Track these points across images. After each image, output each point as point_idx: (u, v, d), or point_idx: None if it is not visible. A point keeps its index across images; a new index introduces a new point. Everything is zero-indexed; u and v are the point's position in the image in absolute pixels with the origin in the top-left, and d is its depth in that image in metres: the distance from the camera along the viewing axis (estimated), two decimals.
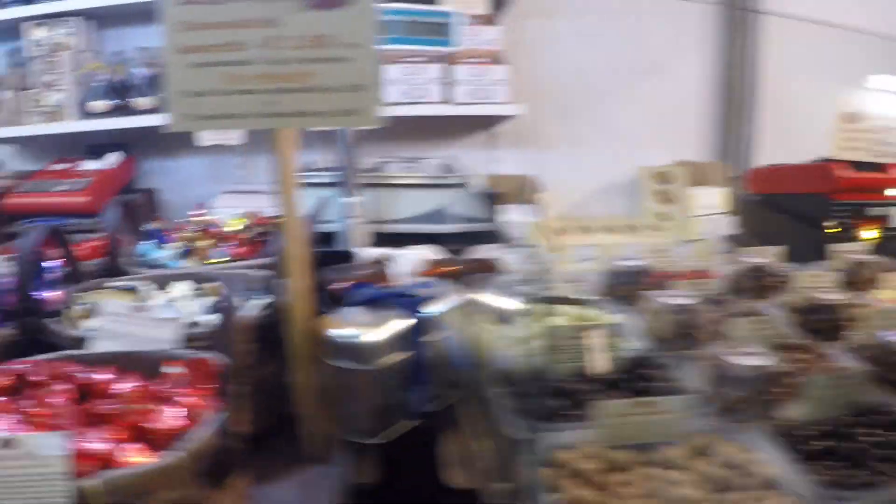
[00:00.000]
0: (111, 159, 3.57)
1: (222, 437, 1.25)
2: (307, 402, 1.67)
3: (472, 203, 2.87)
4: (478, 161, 3.87)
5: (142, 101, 3.48)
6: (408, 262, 2.13)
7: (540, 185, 3.67)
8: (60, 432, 1.13)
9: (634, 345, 1.56)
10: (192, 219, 2.18)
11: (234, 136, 3.35)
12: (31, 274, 1.61)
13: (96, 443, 1.19)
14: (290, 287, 1.64)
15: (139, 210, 2.04)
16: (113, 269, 1.95)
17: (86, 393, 1.41)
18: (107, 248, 1.95)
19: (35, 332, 1.65)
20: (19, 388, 1.40)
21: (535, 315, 1.68)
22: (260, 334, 1.66)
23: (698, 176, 3.47)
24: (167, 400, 1.34)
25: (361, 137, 2.57)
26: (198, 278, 1.87)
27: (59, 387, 1.37)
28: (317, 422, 1.69)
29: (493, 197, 2.91)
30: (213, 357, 1.44)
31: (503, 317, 1.69)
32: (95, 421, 1.31)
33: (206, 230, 2.10)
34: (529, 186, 3.62)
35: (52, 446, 1.11)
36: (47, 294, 1.67)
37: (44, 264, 1.75)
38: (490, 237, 2.77)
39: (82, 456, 1.15)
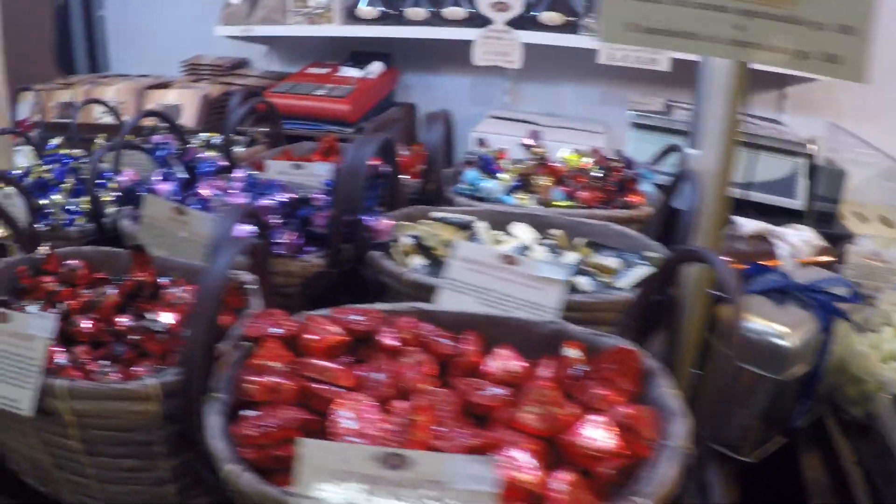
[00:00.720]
0: (373, 68, 3.21)
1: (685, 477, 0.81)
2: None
3: (820, 177, 2.36)
4: None
5: (414, 11, 3.09)
6: (788, 244, 1.64)
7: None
8: (488, 457, 0.70)
9: None
10: (529, 148, 1.73)
11: (515, 59, 2.93)
12: (358, 193, 1.20)
13: (518, 468, 0.76)
14: None
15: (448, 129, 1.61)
16: (428, 195, 1.54)
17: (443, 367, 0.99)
18: (424, 170, 1.53)
19: (349, 264, 1.25)
20: (353, 347, 1.00)
21: None
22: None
23: None
24: (580, 402, 0.90)
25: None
26: (536, 222, 1.43)
27: (413, 357, 0.96)
28: None
29: (840, 174, 2.38)
30: (635, 346, 0.98)
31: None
32: (468, 416, 0.90)
33: (545, 164, 1.65)
34: None
35: (473, 476, 0.68)
36: (372, 220, 1.25)
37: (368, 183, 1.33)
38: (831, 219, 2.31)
39: (508, 489, 0.72)
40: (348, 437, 0.78)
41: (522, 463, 0.76)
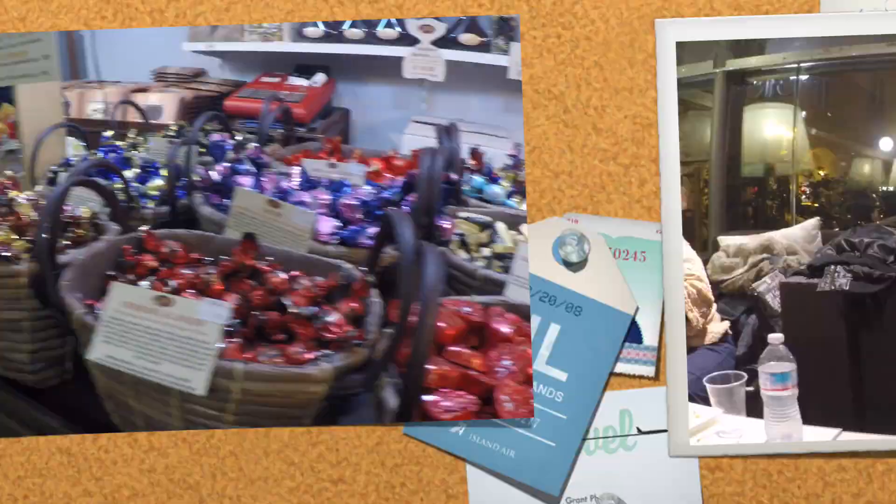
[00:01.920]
0: (317, 79, 3.64)
1: None
2: None
3: None
4: None
5: (351, 32, 3.45)
6: None
7: None
8: None
9: None
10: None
11: (438, 72, 3.37)
12: (433, 197, 1.30)
13: None
14: None
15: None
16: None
17: None
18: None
19: None
20: None
21: None
22: None
23: None
24: None
25: None
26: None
27: None
28: None
29: None
30: None
31: None
32: None
33: None
34: None
35: None
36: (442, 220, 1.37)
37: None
38: None
39: None
40: None
41: None
